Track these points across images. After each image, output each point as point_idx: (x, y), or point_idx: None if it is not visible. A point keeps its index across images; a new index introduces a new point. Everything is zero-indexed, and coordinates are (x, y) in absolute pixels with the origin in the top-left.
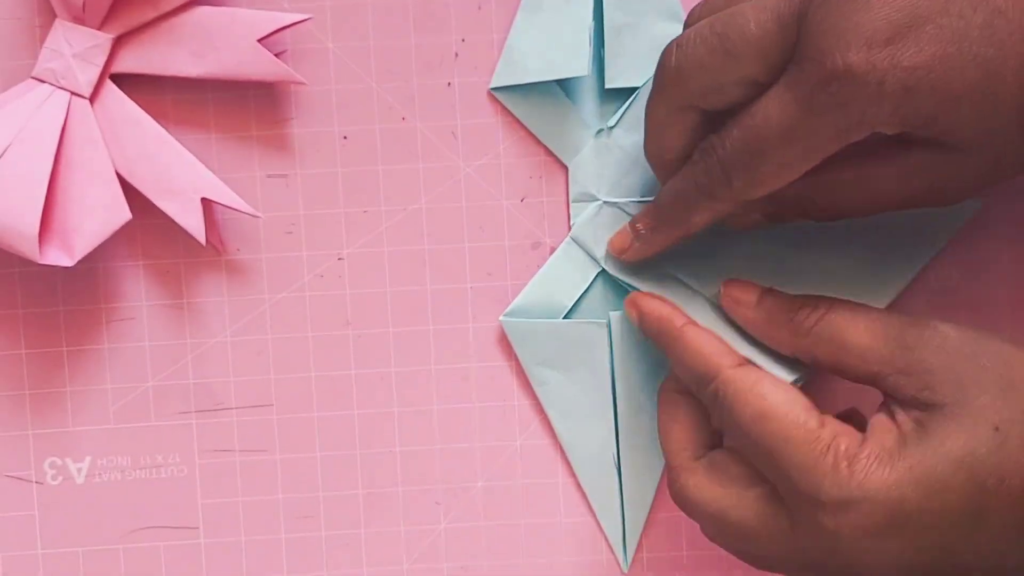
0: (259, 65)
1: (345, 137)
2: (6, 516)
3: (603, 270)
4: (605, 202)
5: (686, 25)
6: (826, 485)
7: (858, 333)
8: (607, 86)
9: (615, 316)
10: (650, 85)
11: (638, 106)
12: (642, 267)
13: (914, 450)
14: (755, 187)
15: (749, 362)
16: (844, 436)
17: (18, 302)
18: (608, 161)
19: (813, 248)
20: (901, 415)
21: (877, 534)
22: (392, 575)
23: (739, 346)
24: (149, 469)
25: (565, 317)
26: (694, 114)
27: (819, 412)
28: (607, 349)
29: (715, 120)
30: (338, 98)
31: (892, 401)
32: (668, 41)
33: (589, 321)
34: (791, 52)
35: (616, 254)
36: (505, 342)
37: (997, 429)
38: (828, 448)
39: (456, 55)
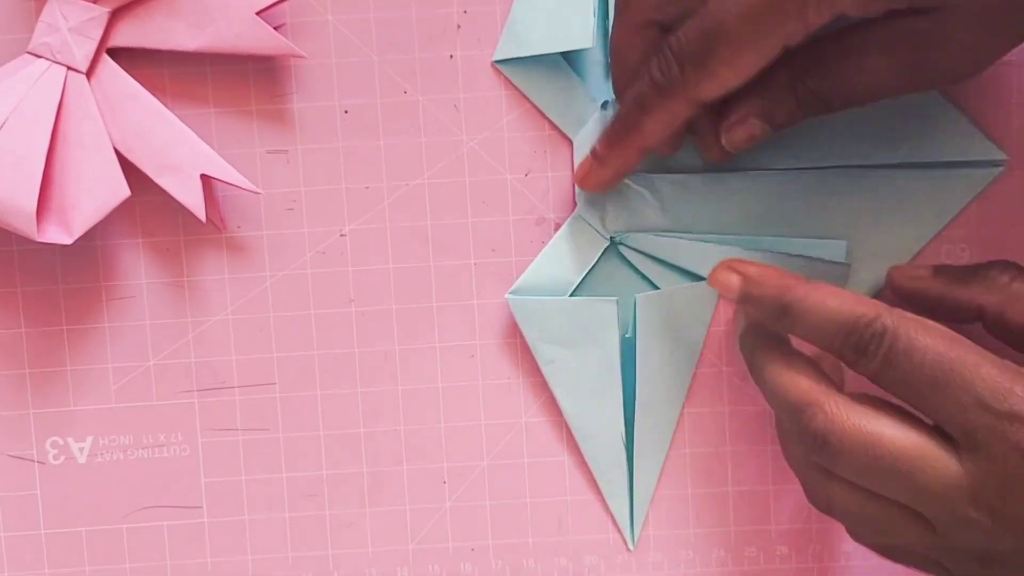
0: (258, 39)
1: (346, 111)
2: (8, 496)
3: (610, 246)
4: None
5: None
6: (1018, 390)
7: None
8: None
9: (641, 298)
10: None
11: None
12: (654, 244)
13: None
14: (709, 79)
15: None
16: None
17: (17, 280)
18: None
19: (834, 198)
20: None
21: None
22: (397, 555)
23: None
24: (151, 448)
25: (572, 294)
26: (653, 31)
27: None
28: (616, 326)
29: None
30: (339, 72)
31: None
32: None
33: (598, 298)
34: None
35: (577, 183)
36: (510, 319)
37: None
38: (1019, 369)
39: (458, 27)
